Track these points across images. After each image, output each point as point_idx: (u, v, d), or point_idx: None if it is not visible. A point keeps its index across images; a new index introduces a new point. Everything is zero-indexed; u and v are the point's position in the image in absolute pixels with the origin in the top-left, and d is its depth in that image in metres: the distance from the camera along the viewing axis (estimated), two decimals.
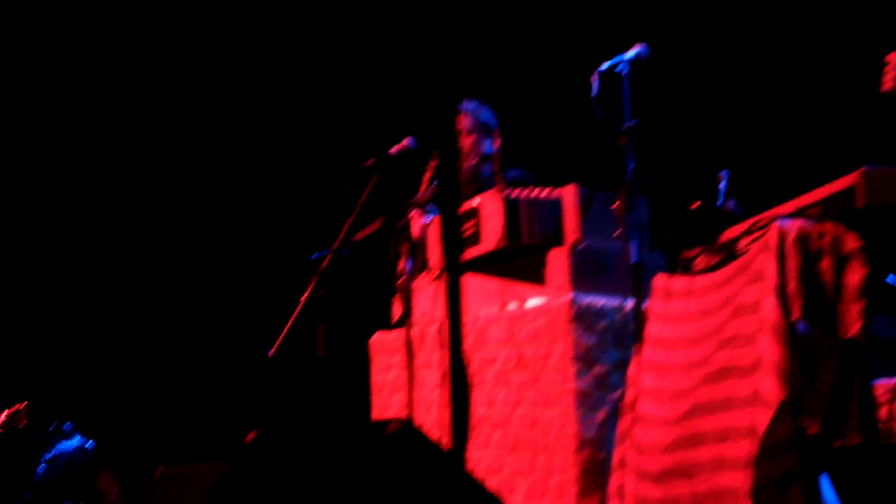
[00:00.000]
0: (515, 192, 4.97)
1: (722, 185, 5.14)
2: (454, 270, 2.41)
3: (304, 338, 5.82)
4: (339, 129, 9.05)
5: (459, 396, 2.30)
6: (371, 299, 6.94)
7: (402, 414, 5.52)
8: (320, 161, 8.90)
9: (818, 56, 7.15)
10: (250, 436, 3.80)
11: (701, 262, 4.48)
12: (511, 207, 4.93)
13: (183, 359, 9.00)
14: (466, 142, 6.34)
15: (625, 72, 4.88)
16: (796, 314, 3.75)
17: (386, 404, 5.68)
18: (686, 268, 4.57)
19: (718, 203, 4.92)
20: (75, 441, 5.65)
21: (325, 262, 5.78)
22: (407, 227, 5.35)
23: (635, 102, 4.83)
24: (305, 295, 5.71)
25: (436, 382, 5.35)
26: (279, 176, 9.28)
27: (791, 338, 3.73)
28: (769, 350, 3.72)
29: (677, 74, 7.07)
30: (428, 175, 5.93)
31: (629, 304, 4.78)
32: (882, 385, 4.23)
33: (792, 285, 3.76)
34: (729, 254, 4.30)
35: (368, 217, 5.91)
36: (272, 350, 5.74)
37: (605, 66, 4.88)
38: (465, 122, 6.37)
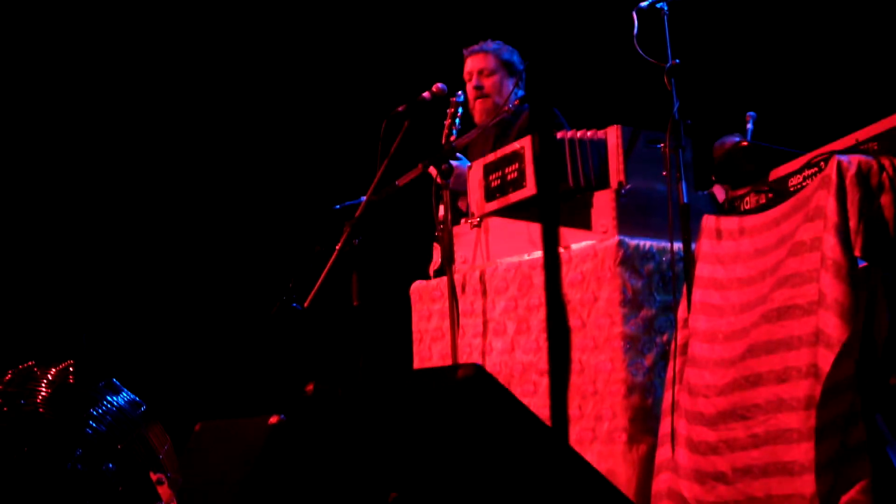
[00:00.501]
0: (560, 134, 4.87)
1: (749, 125, 5.06)
2: (551, 202, 2.30)
3: (338, 287, 5.77)
4: (365, 75, 8.98)
5: (558, 342, 2.19)
6: (407, 247, 6.89)
7: (445, 363, 5.46)
8: (348, 109, 8.82)
9: None
10: (308, 387, 3.73)
11: (750, 200, 4.41)
12: (560, 149, 4.84)
13: (215, 314, 8.96)
14: (487, 82, 6.26)
15: (665, 9, 4.79)
16: (857, 251, 3.68)
17: (426, 353, 5.61)
18: (733, 207, 4.50)
19: None
20: (125, 396, 5.59)
21: (359, 211, 5.72)
22: (446, 172, 5.26)
23: (676, 41, 4.74)
24: (339, 244, 5.66)
25: (477, 330, 5.28)
26: (306, 124, 9.21)
27: (853, 275, 3.66)
28: (830, 288, 3.65)
29: (718, 10, 6.96)
30: (448, 122, 5.84)
31: (675, 245, 4.70)
32: None
33: (853, 222, 3.69)
34: (780, 192, 4.22)
35: (401, 164, 5.85)
36: (307, 301, 5.70)
37: (644, 3, 4.79)
38: (485, 61, 6.29)
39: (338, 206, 6.81)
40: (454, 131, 5.90)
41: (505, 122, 6.11)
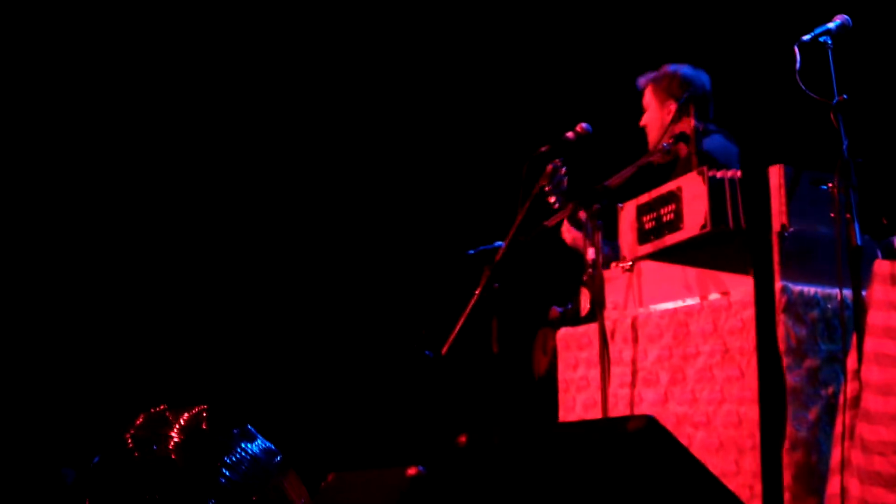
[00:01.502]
0: (720, 174, 4.62)
1: None
2: (763, 244, 2.07)
3: (477, 334, 5.58)
4: (501, 118, 8.82)
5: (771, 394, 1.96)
6: (549, 292, 6.68)
7: (590, 414, 5.21)
8: (484, 152, 8.67)
9: None
10: (461, 438, 3.53)
11: None
12: (716, 189, 4.58)
13: (351, 361, 8.82)
14: (664, 111, 5.93)
15: (829, 43, 4.54)
16: None
17: (571, 403, 5.36)
18: None
19: None
20: (260, 443, 5.40)
21: (500, 254, 5.53)
22: (599, 213, 5.02)
23: (842, 76, 4.48)
24: (479, 289, 5.47)
25: (625, 380, 5.03)
26: (443, 165, 9.06)
27: None
28: None
29: (885, 45, 6.67)
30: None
31: (843, 292, 4.43)
32: None
33: None
34: None
35: (542, 206, 5.65)
36: (445, 347, 5.51)
37: (807, 36, 4.54)
38: (646, 97, 6.02)
39: (472, 251, 6.65)
40: (558, 195, 5.67)
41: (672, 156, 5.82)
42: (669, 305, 4.90)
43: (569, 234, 5.95)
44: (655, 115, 5.94)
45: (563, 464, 3.36)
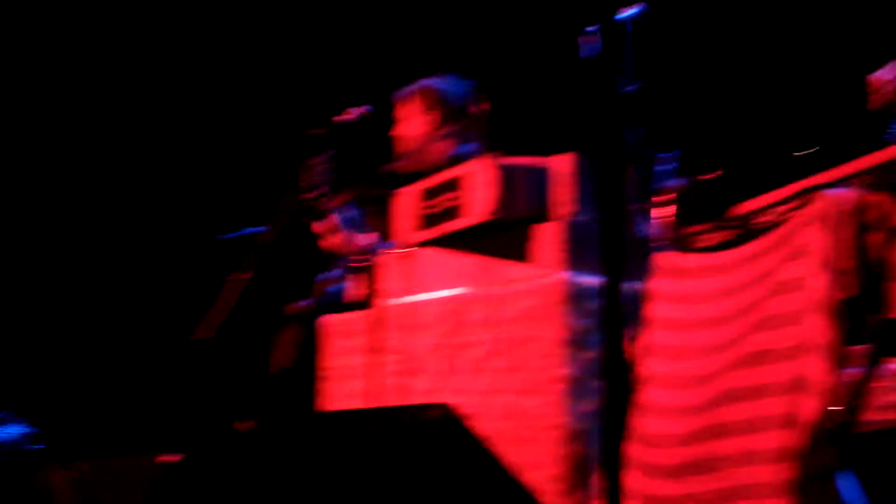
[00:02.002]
0: (508, 160, 4.54)
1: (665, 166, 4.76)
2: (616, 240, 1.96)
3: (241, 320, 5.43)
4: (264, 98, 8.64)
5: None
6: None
7: (357, 403, 5.08)
8: (258, 130, 8.47)
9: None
10: (245, 425, 3.36)
11: (712, 237, 4.11)
12: (504, 176, 4.50)
13: (110, 346, 8.51)
14: (421, 120, 5.95)
15: (624, 31, 4.49)
16: (848, 292, 3.39)
17: (337, 392, 5.21)
18: (688, 244, 4.21)
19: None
20: (15, 429, 5.14)
21: (268, 238, 5.40)
22: (378, 199, 4.91)
23: (637, 65, 4.44)
24: (245, 274, 5.34)
25: (397, 369, 4.91)
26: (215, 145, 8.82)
27: (842, 318, 3.37)
28: (818, 331, 3.35)
29: (683, 34, 6.72)
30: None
31: (624, 284, 4.40)
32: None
33: (844, 261, 3.40)
34: (748, 228, 3.94)
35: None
36: (213, 331, 5.34)
37: (597, 26, 4.48)
38: (423, 101, 5.98)
39: (225, 236, 6.48)
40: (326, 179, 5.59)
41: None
42: (445, 293, 4.80)
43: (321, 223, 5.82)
44: (409, 127, 5.90)
45: (351, 452, 3.22)
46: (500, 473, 3.04)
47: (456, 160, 5.50)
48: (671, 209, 4.34)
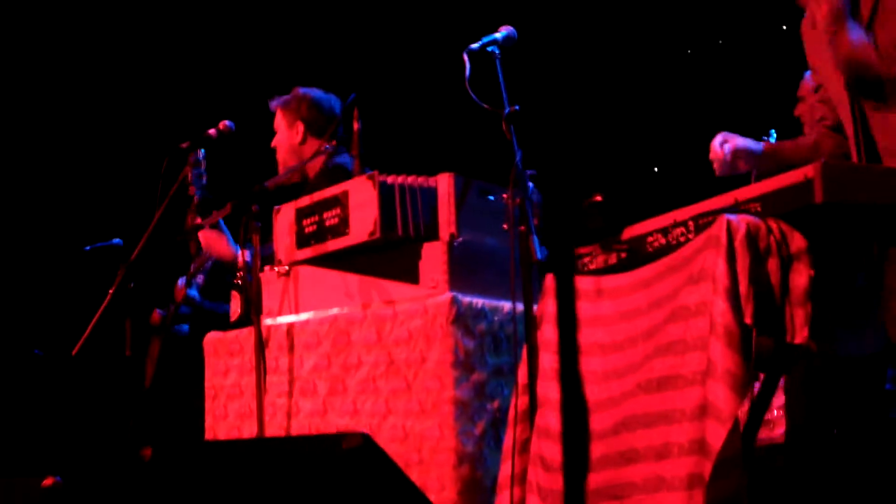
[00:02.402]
0: (390, 179, 4.48)
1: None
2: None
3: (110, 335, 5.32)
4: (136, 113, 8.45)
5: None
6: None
7: (245, 424, 5.00)
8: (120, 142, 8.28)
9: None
10: (146, 451, 3.26)
11: (598, 259, 4.10)
12: (386, 195, 4.44)
13: None
14: (290, 133, 5.89)
15: (497, 53, 4.45)
16: (748, 318, 3.41)
17: (221, 411, 5.12)
18: (578, 266, 4.19)
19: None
20: None
21: (137, 252, 5.29)
22: (257, 215, 4.81)
23: (513, 87, 4.42)
24: (112, 288, 5.23)
25: (282, 389, 4.83)
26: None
27: (745, 343, 3.39)
28: (721, 357, 3.36)
29: (556, 58, 6.72)
30: (189, 179, 5.41)
31: (508, 305, 4.40)
32: None
33: (743, 286, 3.42)
34: (637, 251, 3.93)
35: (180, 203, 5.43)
36: (75, 349, 5.21)
37: (475, 45, 4.44)
38: (289, 113, 5.92)
39: (88, 248, 6.36)
40: (198, 189, 5.54)
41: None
42: (328, 313, 4.74)
43: (204, 235, 5.73)
44: (284, 137, 5.86)
45: (269, 481, 3.15)
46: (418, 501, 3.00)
47: (333, 175, 5.45)
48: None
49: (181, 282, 6.58)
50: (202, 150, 5.57)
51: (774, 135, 5.87)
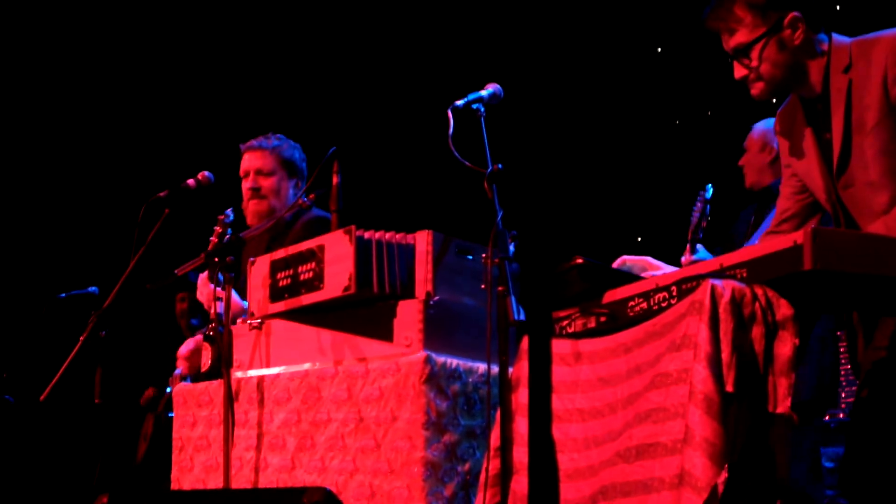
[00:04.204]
0: (367, 234, 4.41)
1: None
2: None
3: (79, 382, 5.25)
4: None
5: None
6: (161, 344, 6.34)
7: (211, 477, 4.89)
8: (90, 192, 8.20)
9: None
10: (103, 499, 3.17)
11: (576, 323, 4.02)
12: (363, 250, 4.37)
13: None
14: (265, 183, 5.82)
15: (482, 111, 4.38)
16: (730, 386, 3.34)
17: (188, 464, 5.01)
18: (556, 330, 4.11)
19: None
20: None
21: (109, 300, 5.21)
22: (231, 266, 4.74)
23: (496, 146, 4.36)
24: (83, 335, 5.16)
25: (250, 443, 4.74)
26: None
27: (725, 412, 3.32)
28: (699, 425, 3.29)
29: (540, 117, 6.68)
30: (214, 239, 5.30)
31: (483, 366, 4.33)
32: None
33: (725, 353, 3.36)
34: (617, 316, 3.85)
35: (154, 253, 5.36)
36: (43, 395, 5.12)
37: (459, 102, 4.37)
38: (264, 160, 5.85)
39: (63, 295, 6.31)
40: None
41: (281, 225, 5.68)
42: (300, 368, 4.65)
43: (204, 289, 5.57)
44: (280, 182, 5.83)
45: None
46: None
47: (308, 227, 5.39)
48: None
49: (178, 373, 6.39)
50: (230, 210, 5.39)
51: (711, 190, 5.80)
